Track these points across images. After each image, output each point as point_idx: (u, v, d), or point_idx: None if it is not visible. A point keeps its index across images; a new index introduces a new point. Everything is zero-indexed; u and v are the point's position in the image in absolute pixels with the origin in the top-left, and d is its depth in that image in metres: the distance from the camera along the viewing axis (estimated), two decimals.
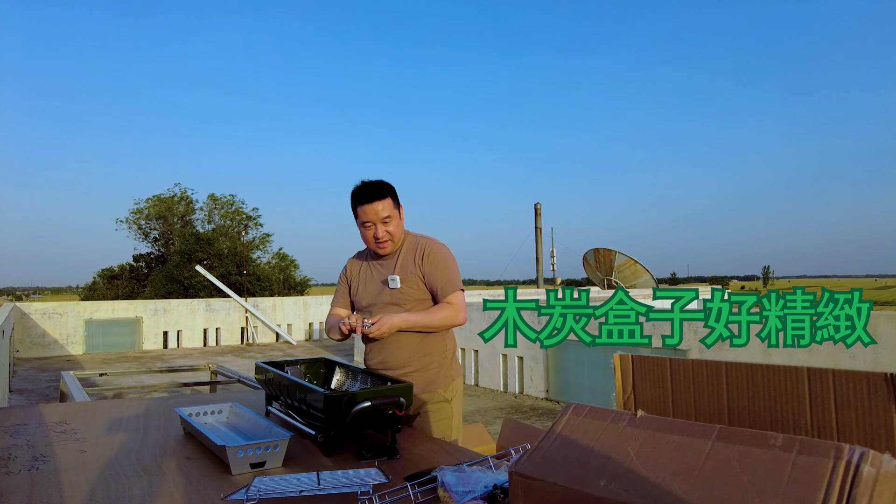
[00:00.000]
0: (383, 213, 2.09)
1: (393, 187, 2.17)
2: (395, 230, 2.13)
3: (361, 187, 2.13)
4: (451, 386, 2.18)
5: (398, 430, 1.78)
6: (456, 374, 2.22)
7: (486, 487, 1.31)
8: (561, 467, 0.79)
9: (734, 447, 0.71)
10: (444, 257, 2.15)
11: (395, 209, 2.13)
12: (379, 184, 2.14)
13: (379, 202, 2.09)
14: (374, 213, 2.09)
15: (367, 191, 2.11)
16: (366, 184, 2.14)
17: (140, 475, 1.50)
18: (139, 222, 25.46)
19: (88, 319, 11.65)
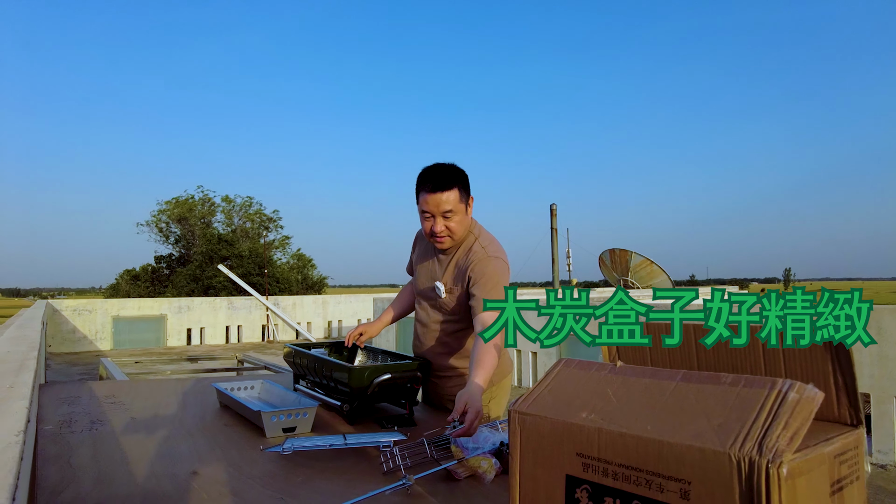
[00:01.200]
0: (446, 205, 1.86)
1: (464, 176, 1.93)
2: (457, 227, 1.91)
3: (428, 171, 1.90)
4: (490, 390, 2.03)
5: (416, 403, 1.94)
6: (501, 375, 2.07)
7: (493, 445, 1.47)
8: (550, 405, 0.95)
9: (693, 385, 0.86)
10: (491, 269, 1.90)
11: (461, 203, 1.89)
12: (448, 170, 1.90)
13: (443, 193, 1.85)
14: (436, 204, 1.86)
15: (433, 177, 1.87)
16: (434, 168, 1.91)
17: (185, 437, 1.69)
18: (160, 225, 26.00)
19: (116, 316, 12.03)
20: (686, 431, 0.78)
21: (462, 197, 1.90)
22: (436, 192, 1.86)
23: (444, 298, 1.99)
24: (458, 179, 1.90)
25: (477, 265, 1.91)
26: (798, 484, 0.71)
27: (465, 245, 1.98)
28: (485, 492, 1.28)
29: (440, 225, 1.89)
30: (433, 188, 1.86)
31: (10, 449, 0.72)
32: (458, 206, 1.89)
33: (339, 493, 1.25)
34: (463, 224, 1.93)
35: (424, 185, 1.89)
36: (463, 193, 1.91)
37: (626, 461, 0.82)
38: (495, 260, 1.93)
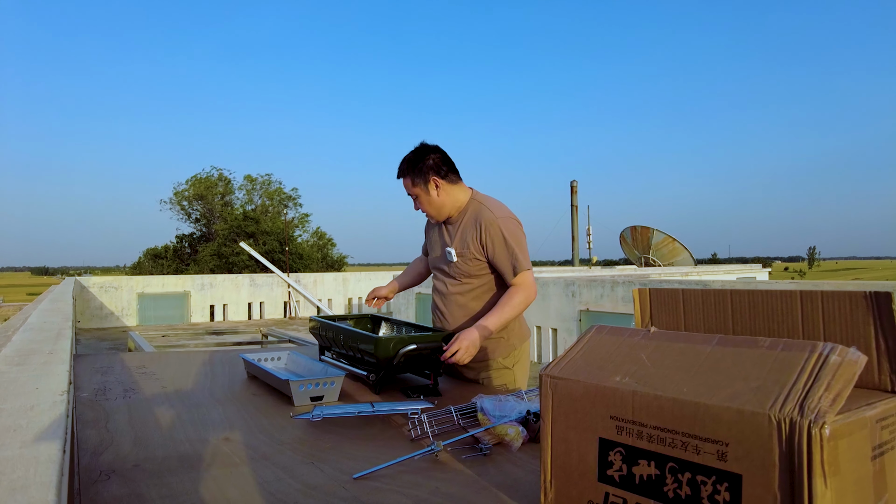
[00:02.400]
0: (407, 191, 2.09)
1: (419, 163, 2.02)
2: (426, 207, 2.07)
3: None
4: (513, 353, 2.13)
5: (440, 373, 1.95)
6: (519, 341, 2.14)
7: (520, 413, 1.48)
8: (583, 369, 0.94)
9: (729, 349, 0.85)
10: (507, 234, 1.99)
11: (415, 188, 2.04)
12: (406, 157, 2.07)
13: (402, 181, 2.08)
14: (405, 189, 2.10)
15: (399, 166, 2.08)
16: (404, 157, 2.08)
17: (215, 405, 1.72)
18: (182, 203, 26.30)
19: (141, 293, 12.27)
20: (723, 393, 0.77)
21: (416, 182, 2.04)
22: (400, 179, 2.09)
23: (456, 262, 2.07)
24: (407, 168, 2.05)
25: (491, 231, 1.99)
26: (840, 446, 0.70)
27: (472, 212, 2.07)
28: (512, 458, 1.28)
29: (416, 206, 2.12)
30: (397, 176, 2.10)
31: (56, 407, 0.74)
32: (415, 191, 2.06)
33: (368, 458, 1.27)
34: (432, 204, 2.06)
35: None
36: (417, 179, 2.03)
37: (661, 423, 0.81)
38: (507, 222, 2.01)
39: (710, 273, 14.55)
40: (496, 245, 1.98)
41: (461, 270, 2.07)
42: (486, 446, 1.34)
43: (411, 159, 2.07)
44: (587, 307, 6.49)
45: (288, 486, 1.11)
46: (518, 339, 2.14)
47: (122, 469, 1.16)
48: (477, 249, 2.02)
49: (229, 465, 1.21)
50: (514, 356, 2.13)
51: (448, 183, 2.06)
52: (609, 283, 6.20)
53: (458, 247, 2.07)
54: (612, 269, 16.18)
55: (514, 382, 2.12)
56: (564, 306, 6.72)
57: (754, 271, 16.29)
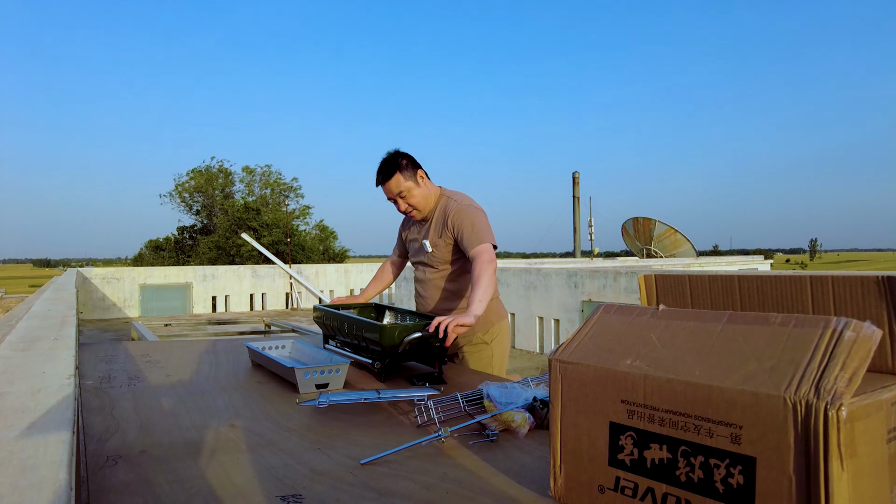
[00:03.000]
0: (395, 189, 2.20)
1: (399, 161, 2.20)
2: (418, 200, 2.23)
3: (377, 170, 2.24)
4: (492, 330, 2.32)
5: (444, 361, 1.95)
6: (497, 318, 2.34)
7: (526, 400, 1.47)
8: (593, 352, 0.93)
9: (740, 327, 0.84)
10: (467, 214, 2.19)
11: (407, 181, 2.20)
12: (385, 163, 2.21)
13: (389, 182, 2.19)
14: (389, 191, 2.22)
15: (378, 174, 2.23)
16: (378, 167, 2.23)
17: (220, 393, 1.72)
18: (182, 195, 26.28)
19: (143, 284, 12.29)
20: (737, 375, 0.76)
21: (406, 178, 2.20)
22: (384, 184, 2.22)
23: (432, 252, 2.28)
24: (394, 168, 2.19)
25: (455, 217, 2.19)
26: (856, 428, 0.69)
27: (441, 206, 2.28)
28: (519, 444, 1.28)
29: (402, 205, 2.25)
30: (381, 181, 2.23)
31: (63, 389, 0.73)
32: (407, 185, 2.21)
33: (375, 444, 1.27)
34: (423, 195, 2.24)
35: (376, 181, 2.25)
36: (406, 174, 2.20)
37: (673, 407, 0.81)
38: (468, 208, 2.22)
39: (712, 264, 14.53)
40: (464, 227, 2.17)
41: (437, 258, 2.28)
42: (492, 433, 1.33)
43: (392, 160, 2.22)
44: (589, 297, 6.48)
45: (295, 471, 1.10)
46: (496, 317, 2.33)
47: (129, 455, 1.16)
48: (447, 237, 2.23)
49: (236, 452, 1.20)
50: (492, 332, 2.31)
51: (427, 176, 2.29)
52: (612, 273, 6.19)
53: (432, 238, 2.27)
54: (614, 260, 16.17)
55: (491, 357, 2.31)
56: (567, 297, 6.71)
57: (756, 263, 16.27)
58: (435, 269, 2.32)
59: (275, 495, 0.99)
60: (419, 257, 2.38)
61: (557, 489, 0.95)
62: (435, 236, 2.27)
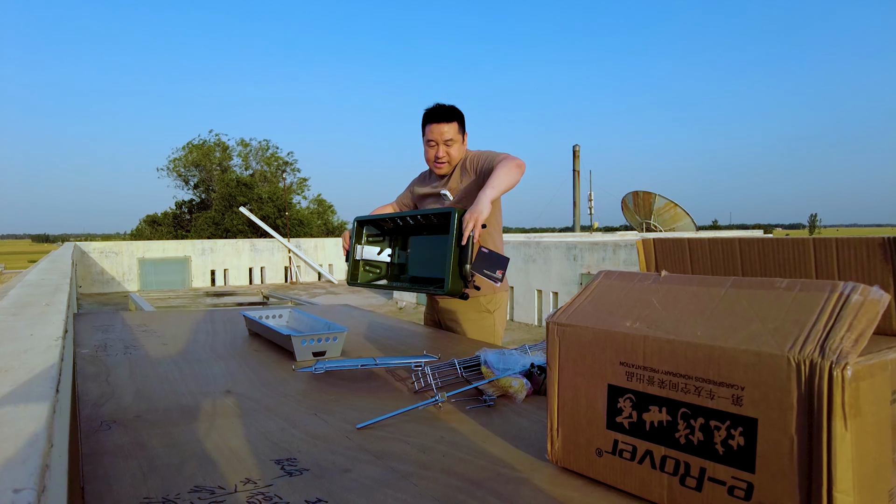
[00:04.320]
0: (447, 134, 2.25)
1: (462, 114, 2.31)
2: (455, 153, 2.29)
3: (434, 108, 2.28)
4: (495, 298, 2.32)
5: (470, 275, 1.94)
6: (500, 287, 2.34)
7: (524, 366, 1.46)
8: (591, 315, 0.92)
9: (744, 291, 0.82)
10: (483, 151, 2.28)
11: (458, 133, 2.28)
12: (450, 108, 2.28)
13: (446, 124, 2.24)
14: (440, 133, 2.25)
15: (437, 112, 2.26)
16: (438, 105, 2.28)
17: (217, 361, 1.71)
18: (179, 170, 26.10)
19: (141, 258, 12.28)
20: (739, 335, 0.75)
21: (460, 129, 2.29)
22: (440, 123, 2.25)
23: (451, 199, 2.31)
24: (458, 115, 2.29)
25: (472, 157, 2.28)
26: (861, 388, 0.68)
27: (463, 160, 2.33)
28: (517, 409, 1.27)
29: (442, 150, 2.27)
30: (438, 119, 2.25)
31: (50, 350, 0.72)
32: (457, 136, 2.27)
33: (372, 409, 1.26)
34: (460, 152, 2.31)
35: (431, 118, 2.27)
36: (461, 127, 2.29)
37: (673, 368, 0.79)
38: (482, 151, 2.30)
39: None
40: (485, 155, 2.23)
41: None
42: (489, 398, 1.32)
43: (456, 109, 2.30)
44: (588, 270, 6.47)
45: (291, 435, 1.10)
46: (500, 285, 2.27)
47: (124, 419, 1.15)
48: (467, 180, 2.27)
49: (232, 417, 1.20)
50: (495, 302, 2.33)
51: None
52: (611, 246, 6.17)
53: (452, 187, 2.31)
54: (613, 234, 16.14)
55: (493, 326, 2.33)
56: (566, 270, 6.70)
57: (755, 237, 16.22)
58: None
59: (270, 459, 0.98)
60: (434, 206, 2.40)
61: (555, 452, 0.95)
62: (455, 184, 2.31)
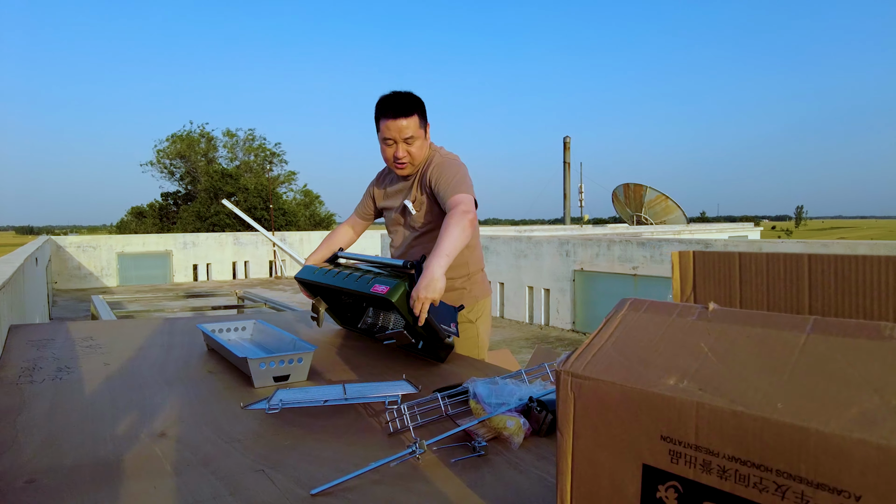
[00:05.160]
0: (407, 131, 1.89)
1: (422, 103, 1.95)
2: (418, 152, 1.94)
3: (388, 99, 1.91)
4: (477, 306, 2.09)
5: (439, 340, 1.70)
6: (482, 293, 2.11)
7: (520, 400, 1.23)
8: (619, 365, 0.68)
9: (836, 339, 0.59)
10: (447, 165, 1.92)
11: (420, 128, 1.93)
12: (407, 98, 1.91)
13: (404, 119, 1.88)
14: (398, 130, 1.89)
15: (393, 104, 1.89)
16: (393, 95, 1.91)
17: (161, 388, 1.46)
18: (163, 161, 25.62)
19: (121, 253, 11.91)
20: (846, 414, 0.51)
21: (421, 123, 1.94)
22: (397, 119, 1.88)
23: (415, 214, 2.01)
24: (417, 106, 1.92)
25: (434, 168, 1.94)
26: None
27: (427, 162, 2.01)
28: (513, 460, 1.04)
29: (402, 150, 1.92)
30: (395, 114, 1.88)
31: None
32: (419, 132, 1.93)
33: (333, 460, 1.02)
34: (422, 149, 1.96)
35: (385, 111, 1.90)
36: (422, 120, 1.94)
37: (742, 454, 0.56)
38: (450, 159, 1.98)
39: (703, 231, 14.40)
40: (441, 176, 1.91)
41: (420, 222, 2.02)
42: (480, 444, 1.09)
43: (415, 98, 1.93)
44: (581, 267, 6.26)
45: None
46: (481, 292, 2.11)
47: (9, 488, 0.90)
48: (424, 198, 1.98)
49: (156, 476, 0.95)
50: (477, 309, 2.08)
51: None
52: (605, 241, 5.96)
53: (414, 196, 2.01)
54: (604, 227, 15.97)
55: (476, 337, 2.06)
56: (558, 266, 6.49)
57: (746, 230, 16.17)
58: (415, 231, 2.04)
59: None
60: (398, 222, 2.10)
61: None
62: (417, 193, 2.00)
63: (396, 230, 2.13)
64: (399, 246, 2.10)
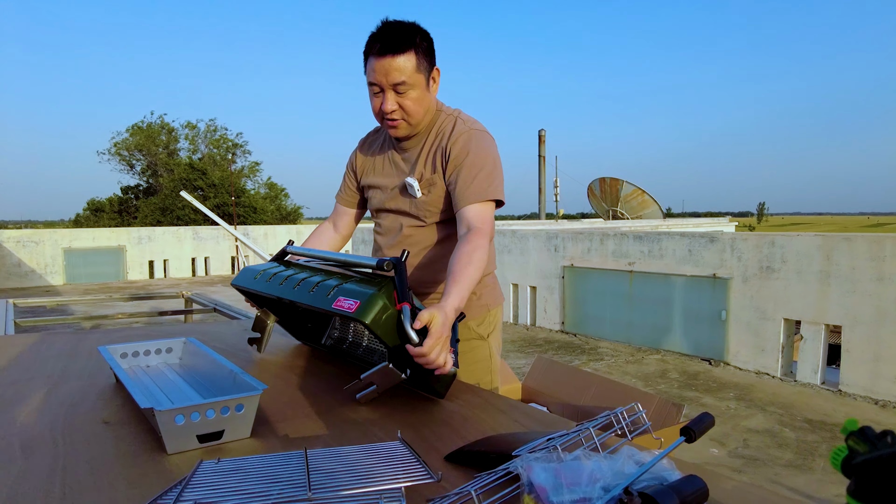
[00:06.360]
0: (396, 74, 1.34)
1: (424, 36, 1.39)
2: (415, 106, 1.40)
3: (379, 32, 1.37)
4: (488, 318, 1.59)
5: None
6: (494, 301, 1.61)
7: (605, 490, 0.73)
8: None
9: None
10: (474, 148, 1.42)
11: (418, 72, 1.37)
12: (402, 28, 1.36)
13: (394, 58, 1.34)
14: (384, 71, 1.35)
15: (382, 37, 1.35)
16: (385, 27, 1.37)
17: (20, 452, 0.93)
18: (122, 153, 24.44)
19: (67, 248, 11.01)
20: None
21: (421, 65, 1.38)
22: (383, 56, 1.34)
23: (421, 198, 1.49)
24: (414, 41, 1.36)
25: (459, 147, 1.43)
26: None
27: (440, 125, 1.49)
28: None
29: (391, 101, 1.39)
30: (381, 50, 1.34)
31: None
32: (415, 78, 1.38)
33: None
34: (423, 103, 1.42)
35: (372, 47, 1.37)
36: (423, 60, 1.39)
37: None
38: (479, 135, 1.45)
39: (679, 226, 14.23)
40: (465, 161, 1.42)
41: (428, 208, 1.49)
42: None
43: (411, 30, 1.37)
44: (572, 263, 5.82)
45: None
46: (493, 299, 1.62)
47: None
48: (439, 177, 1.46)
49: None
50: (488, 322, 1.59)
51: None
52: (598, 235, 5.52)
53: (425, 174, 1.48)
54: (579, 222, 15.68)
55: (489, 357, 1.59)
56: (546, 262, 6.04)
57: (721, 224, 16.09)
58: (421, 224, 1.52)
59: None
60: (391, 207, 1.57)
61: None
62: (427, 171, 1.47)
63: (386, 220, 1.59)
64: (389, 245, 1.58)
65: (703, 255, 4.86)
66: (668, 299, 5.08)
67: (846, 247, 4.05)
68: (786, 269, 4.35)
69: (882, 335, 3.91)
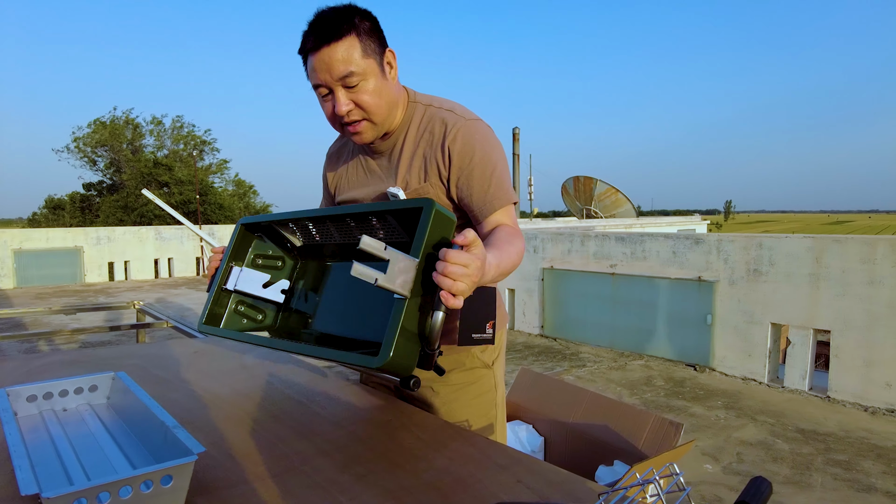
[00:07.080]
0: (340, 66, 1.09)
1: (365, 16, 1.14)
2: (374, 99, 1.14)
3: (310, 24, 1.13)
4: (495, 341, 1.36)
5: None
6: (500, 324, 1.36)
7: None
8: None
9: None
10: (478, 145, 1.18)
11: (369, 57, 1.12)
12: (335, 12, 1.11)
13: (333, 46, 1.09)
14: (326, 66, 1.10)
15: (315, 28, 1.11)
16: (319, 16, 1.12)
17: None
18: (83, 149, 23.52)
19: (18, 250, 10.41)
20: None
21: (368, 48, 1.12)
22: (320, 49, 1.10)
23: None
24: (355, 21, 1.11)
25: (457, 137, 1.18)
26: None
27: (420, 118, 1.23)
28: None
29: (344, 101, 1.13)
30: (317, 41, 1.10)
31: None
32: (364, 65, 1.12)
33: None
34: (383, 95, 1.16)
35: (306, 43, 1.12)
36: (369, 42, 1.13)
37: None
38: (478, 123, 1.21)
39: (653, 225, 14.26)
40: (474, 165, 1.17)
41: None
42: None
43: (346, 13, 1.11)
44: (552, 265, 5.63)
45: None
46: (500, 321, 1.33)
47: None
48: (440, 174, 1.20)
49: None
50: (493, 347, 1.35)
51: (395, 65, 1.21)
52: (579, 236, 5.35)
53: (411, 182, 1.22)
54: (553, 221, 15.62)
55: (494, 389, 1.36)
56: (524, 263, 5.85)
57: (693, 223, 16.21)
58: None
59: None
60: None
61: None
62: (415, 179, 1.22)
63: None
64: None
65: (687, 257, 4.72)
66: (652, 303, 4.93)
67: (837, 249, 3.94)
68: (774, 272, 4.24)
69: (873, 340, 3.81)
